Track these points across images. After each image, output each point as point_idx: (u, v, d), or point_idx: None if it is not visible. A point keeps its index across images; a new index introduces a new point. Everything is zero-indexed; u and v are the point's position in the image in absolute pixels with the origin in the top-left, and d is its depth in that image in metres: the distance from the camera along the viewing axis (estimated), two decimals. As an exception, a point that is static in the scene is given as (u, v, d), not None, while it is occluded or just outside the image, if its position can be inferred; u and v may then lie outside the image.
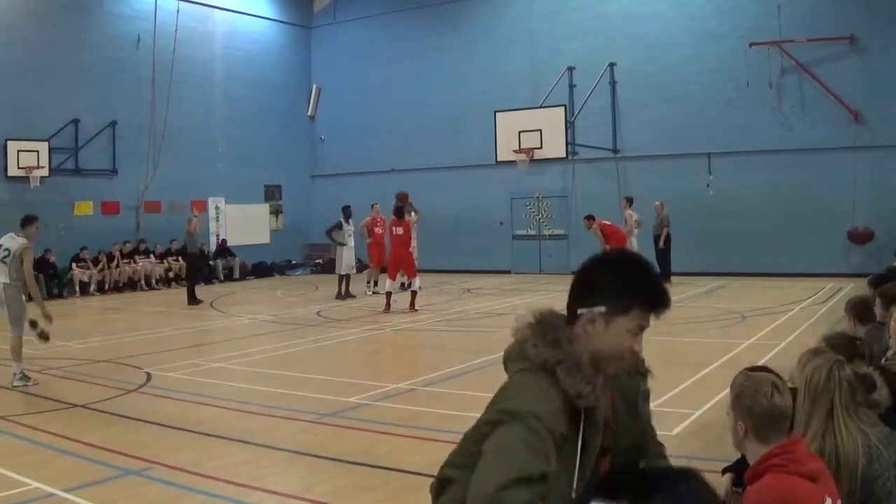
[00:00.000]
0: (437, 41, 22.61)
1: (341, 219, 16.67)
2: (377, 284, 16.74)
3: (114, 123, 19.96)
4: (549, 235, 21.21)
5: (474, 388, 7.56)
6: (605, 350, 1.98)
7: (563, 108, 18.50)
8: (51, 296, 17.38)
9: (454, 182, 21.85)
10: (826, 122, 17.72)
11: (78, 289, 18.32)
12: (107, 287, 18.87)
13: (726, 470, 3.19)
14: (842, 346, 3.22)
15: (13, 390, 8.01)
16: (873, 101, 17.18)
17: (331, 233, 16.80)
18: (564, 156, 18.64)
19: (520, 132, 18.11)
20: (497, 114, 18.63)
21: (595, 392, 1.90)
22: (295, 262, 24.08)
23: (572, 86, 20.36)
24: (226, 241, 22.29)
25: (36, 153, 18.06)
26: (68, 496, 4.79)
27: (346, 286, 16.29)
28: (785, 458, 2.35)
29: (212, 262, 21.44)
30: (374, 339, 11.38)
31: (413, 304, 13.92)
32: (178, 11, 20.76)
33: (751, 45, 18.03)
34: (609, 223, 16.57)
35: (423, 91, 22.66)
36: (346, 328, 12.28)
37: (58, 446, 5.90)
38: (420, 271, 14.79)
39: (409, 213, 15.18)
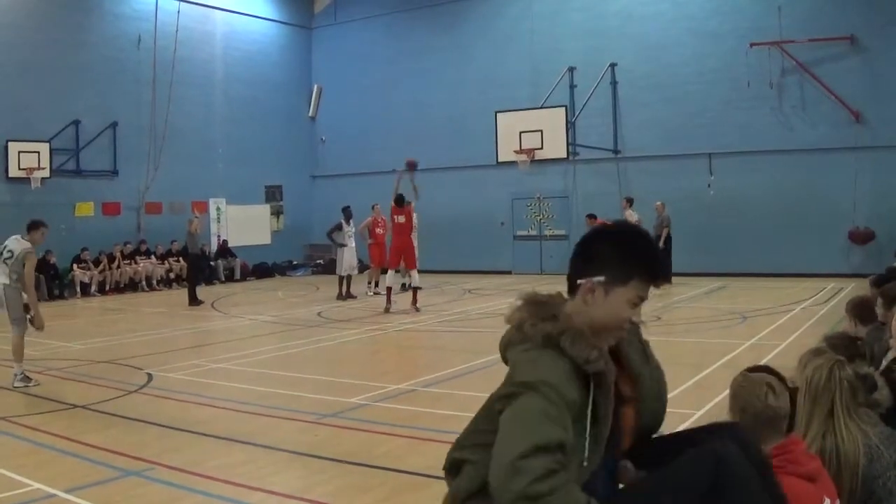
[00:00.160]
0: (438, 41, 22.61)
1: (341, 220, 16.71)
2: (378, 285, 16.74)
3: (114, 124, 19.98)
4: (550, 236, 21.21)
5: (475, 389, 7.56)
6: (603, 319, 1.98)
7: (563, 108, 18.52)
8: (52, 297, 17.46)
9: (455, 182, 21.84)
10: (827, 123, 17.72)
11: (79, 290, 18.34)
12: (108, 288, 18.88)
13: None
14: (843, 347, 3.22)
15: (14, 391, 8.02)
16: (874, 101, 17.18)
17: (331, 234, 16.86)
18: (565, 156, 18.66)
19: (520, 132, 18.11)
20: (498, 114, 18.64)
21: (602, 356, 1.90)
22: (296, 262, 24.09)
23: (573, 86, 20.38)
24: (227, 241, 22.30)
25: (37, 154, 18.08)
26: (69, 497, 4.79)
27: (347, 287, 16.31)
28: (783, 458, 2.35)
29: (213, 263, 21.45)
30: (374, 340, 11.38)
31: (415, 301, 13.91)
32: (179, 12, 20.77)
33: (751, 45, 18.02)
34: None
35: (424, 91, 22.67)
36: (346, 329, 12.27)
37: (59, 447, 5.90)
38: (420, 271, 14.77)
39: (410, 199, 14.72)
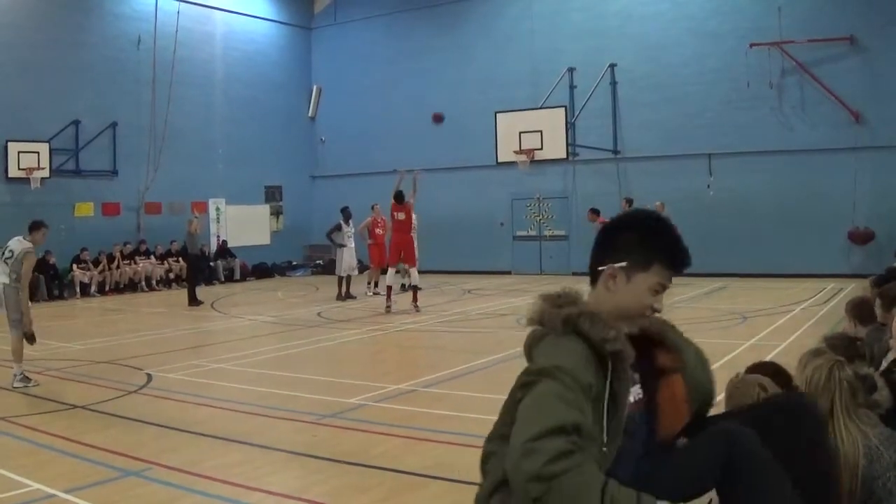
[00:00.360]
0: (438, 41, 22.61)
1: (340, 220, 16.69)
2: (377, 286, 16.73)
3: (114, 124, 19.97)
4: (550, 236, 21.20)
5: (475, 389, 7.57)
6: (626, 305, 1.98)
7: (563, 108, 18.50)
8: (51, 297, 17.47)
9: (455, 183, 21.83)
10: (827, 123, 17.71)
11: (78, 290, 18.33)
12: (107, 288, 18.88)
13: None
14: (842, 347, 3.21)
15: (14, 391, 8.01)
16: (874, 101, 17.18)
17: (331, 235, 16.85)
18: (565, 156, 18.63)
19: (520, 133, 18.11)
20: (497, 115, 18.63)
21: (620, 336, 1.89)
22: (295, 263, 24.08)
23: (573, 86, 20.38)
24: (226, 242, 22.30)
25: (36, 154, 18.07)
26: (69, 497, 4.78)
27: (347, 287, 16.30)
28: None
29: (212, 263, 21.45)
30: (374, 340, 11.37)
31: (415, 300, 13.91)
32: (179, 12, 20.76)
33: (751, 45, 18.02)
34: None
35: (424, 91, 22.67)
36: (346, 329, 12.27)
37: (58, 447, 5.89)
38: (420, 272, 14.77)
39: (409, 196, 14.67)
